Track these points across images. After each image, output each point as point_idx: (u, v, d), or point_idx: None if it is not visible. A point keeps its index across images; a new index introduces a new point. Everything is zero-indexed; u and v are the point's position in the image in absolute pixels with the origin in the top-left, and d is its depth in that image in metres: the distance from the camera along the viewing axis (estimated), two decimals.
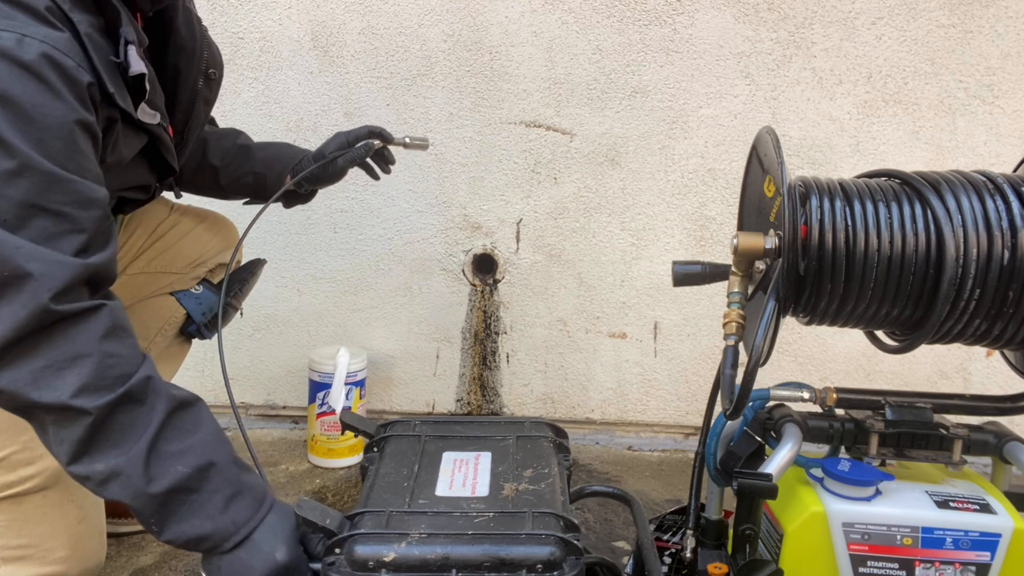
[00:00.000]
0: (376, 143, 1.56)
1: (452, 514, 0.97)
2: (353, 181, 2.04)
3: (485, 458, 1.11)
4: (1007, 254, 0.97)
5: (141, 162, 1.28)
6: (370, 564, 0.91)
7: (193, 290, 1.58)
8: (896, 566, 0.99)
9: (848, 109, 1.94)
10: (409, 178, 2.04)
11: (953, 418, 1.13)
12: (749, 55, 1.93)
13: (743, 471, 1.06)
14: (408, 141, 1.60)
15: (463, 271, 2.08)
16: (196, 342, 1.64)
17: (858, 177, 1.10)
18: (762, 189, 1.08)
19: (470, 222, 2.05)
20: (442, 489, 1.03)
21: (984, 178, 1.02)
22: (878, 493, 1.02)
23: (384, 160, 1.61)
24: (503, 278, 2.08)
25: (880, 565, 0.99)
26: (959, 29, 1.90)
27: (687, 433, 2.14)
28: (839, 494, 1.02)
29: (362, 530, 0.94)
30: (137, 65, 1.09)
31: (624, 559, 1.51)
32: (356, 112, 2.01)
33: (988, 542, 0.98)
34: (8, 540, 1.19)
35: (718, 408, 1.09)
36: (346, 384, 1.89)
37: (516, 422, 1.23)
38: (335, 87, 2.00)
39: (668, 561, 1.21)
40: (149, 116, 1.19)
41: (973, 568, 0.99)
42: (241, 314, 1.69)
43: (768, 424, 1.12)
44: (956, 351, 2.03)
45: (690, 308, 2.05)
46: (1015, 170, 1.12)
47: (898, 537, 0.99)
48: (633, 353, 2.08)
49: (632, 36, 1.94)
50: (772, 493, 1.00)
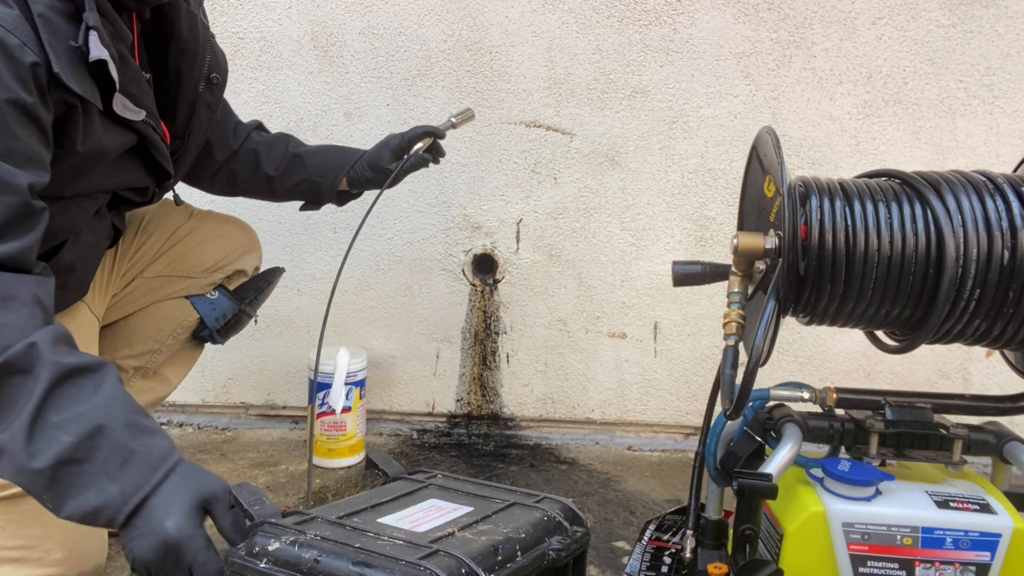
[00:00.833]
0: (429, 141, 1.58)
1: (366, 534, 0.92)
2: None
3: (461, 510, 1.04)
4: (1007, 254, 0.97)
5: (134, 162, 1.27)
6: (256, 551, 0.92)
7: (209, 295, 1.59)
8: (896, 566, 0.99)
9: (848, 109, 1.94)
10: (409, 178, 2.03)
11: (953, 418, 1.13)
12: (749, 55, 1.93)
13: (743, 471, 1.05)
14: (455, 122, 1.62)
15: (463, 271, 2.08)
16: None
17: (858, 177, 1.10)
18: (762, 189, 1.08)
19: (470, 222, 2.05)
20: (389, 519, 0.99)
21: (984, 178, 1.02)
22: (878, 493, 1.02)
23: (438, 152, 1.63)
24: (503, 278, 2.08)
25: (880, 565, 0.99)
26: (959, 29, 1.90)
27: (687, 433, 2.14)
28: (839, 494, 1.01)
29: (274, 521, 0.94)
30: (97, 51, 1.06)
31: (624, 559, 1.51)
32: (356, 112, 2.01)
33: (988, 542, 0.98)
34: (4, 541, 1.18)
35: (718, 408, 1.09)
36: (346, 384, 1.89)
37: (536, 496, 1.11)
38: (335, 87, 2.00)
39: (668, 561, 1.21)
40: (131, 112, 1.16)
41: (973, 568, 0.99)
42: (255, 321, 1.70)
43: (768, 424, 1.12)
44: (956, 351, 2.03)
45: (690, 308, 2.05)
46: (1015, 170, 1.12)
47: (898, 537, 0.99)
48: (633, 353, 2.08)
49: (632, 36, 1.94)
50: (772, 493, 1.00)
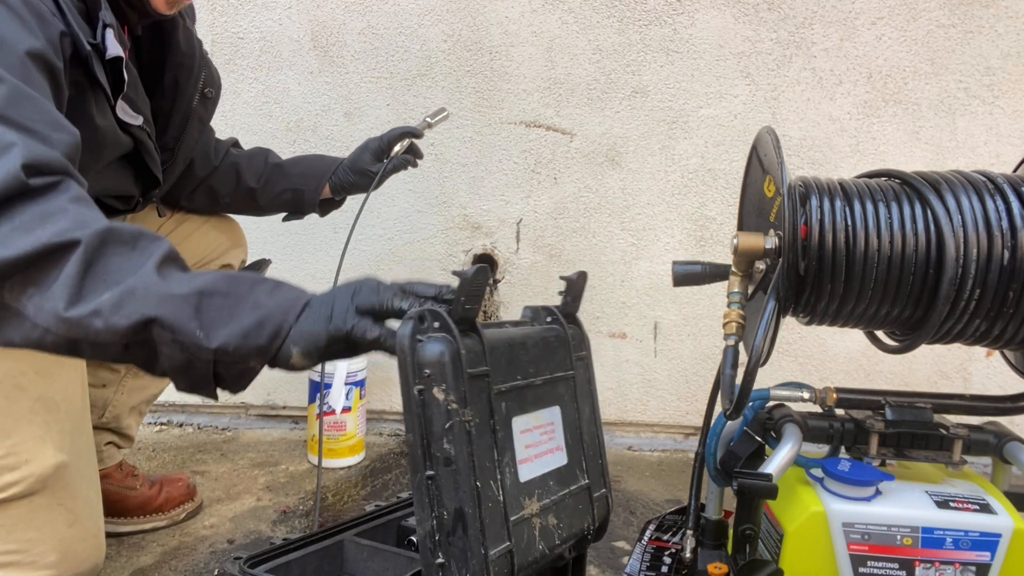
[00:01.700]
0: (408, 142, 1.60)
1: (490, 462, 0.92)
2: None
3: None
4: (1007, 254, 0.97)
5: (125, 169, 1.27)
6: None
7: None
8: (896, 566, 0.99)
9: (848, 109, 1.94)
10: (409, 178, 2.04)
11: (953, 418, 1.13)
12: (749, 55, 1.93)
13: (743, 471, 1.05)
14: (430, 122, 1.64)
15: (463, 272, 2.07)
16: None
17: (858, 177, 1.10)
18: (762, 189, 1.08)
19: (470, 222, 2.05)
20: (519, 424, 0.98)
21: (984, 178, 1.02)
22: (878, 493, 1.02)
23: (416, 153, 1.65)
24: (503, 278, 2.08)
25: (880, 565, 0.99)
26: (959, 29, 1.90)
27: (687, 433, 2.14)
28: (839, 494, 1.01)
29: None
30: (114, 48, 1.08)
31: (624, 559, 1.51)
32: (356, 112, 2.01)
33: (988, 542, 0.98)
34: None
35: (718, 408, 1.09)
36: (346, 384, 1.89)
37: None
38: (335, 87, 2.00)
39: (668, 561, 1.21)
40: (131, 117, 1.18)
41: (973, 568, 0.99)
42: None
43: (768, 424, 1.12)
44: (956, 351, 2.03)
45: (690, 308, 2.05)
46: (1015, 170, 1.12)
47: (898, 537, 0.99)
48: (633, 353, 2.08)
49: (632, 36, 1.94)
50: (772, 493, 1.00)
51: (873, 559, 0.99)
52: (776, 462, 1.03)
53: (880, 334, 1.16)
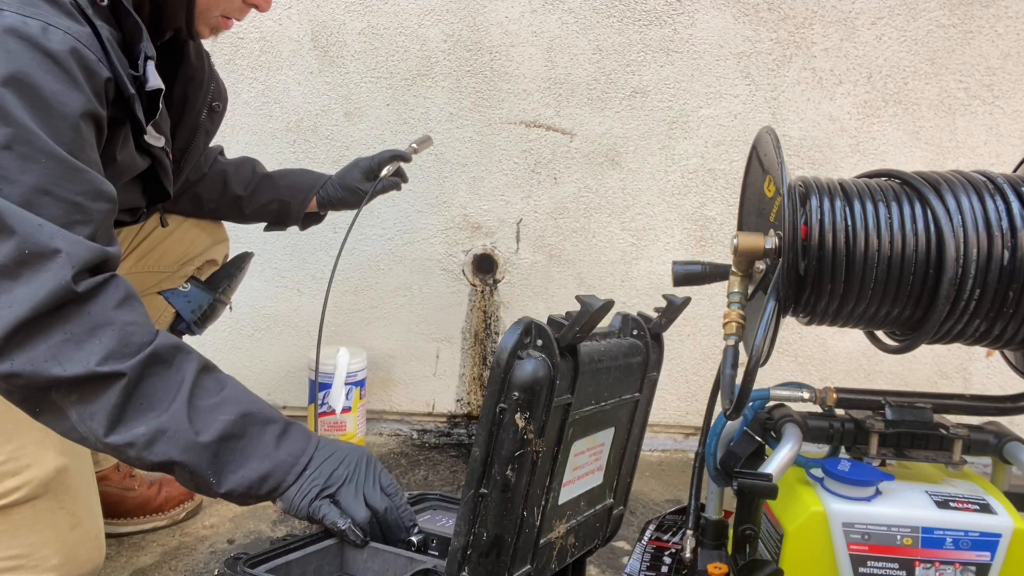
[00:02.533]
0: (396, 165, 1.66)
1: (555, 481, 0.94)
2: None
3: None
4: (1007, 254, 0.97)
5: (136, 185, 1.28)
6: None
7: (181, 288, 1.58)
8: (896, 566, 0.99)
9: (848, 109, 1.94)
10: (409, 178, 2.04)
11: (953, 418, 1.13)
12: (749, 55, 1.93)
13: (743, 471, 1.05)
14: (416, 148, 1.68)
15: (463, 271, 2.08)
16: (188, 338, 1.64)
17: (858, 177, 1.10)
18: (762, 189, 1.08)
19: (470, 222, 2.05)
20: (576, 446, 0.98)
21: (984, 178, 1.02)
22: (878, 493, 1.02)
23: (402, 177, 1.71)
24: (503, 278, 2.08)
25: (880, 565, 0.99)
26: (959, 29, 1.90)
27: (687, 433, 2.14)
28: (839, 494, 1.01)
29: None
30: (155, 80, 1.10)
31: (624, 559, 1.51)
32: (356, 112, 2.01)
33: (988, 542, 0.98)
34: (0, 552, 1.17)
35: (718, 408, 1.09)
36: (346, 384, 1.89)
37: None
38: (335, 87, 2.00)
39: (668, 561, 1.21)
40: (155, 139, 1.19)
41: (973, 568, 0.99)
42: (231, 309, 1.70)
43: (768, 424, 1.11)
44: (956, 351, 2.03)
45: (690, 308, 2.04)
46: (1015, 170, 1.12)
47: (898, 537, 0.99)
48: None
49: (632, 36, 1.94)
50: (772, 493, 1.00)
51: (873, 559, 0.99)
52: (776, 462, 1.03)
53: (880, 334, 1.16)
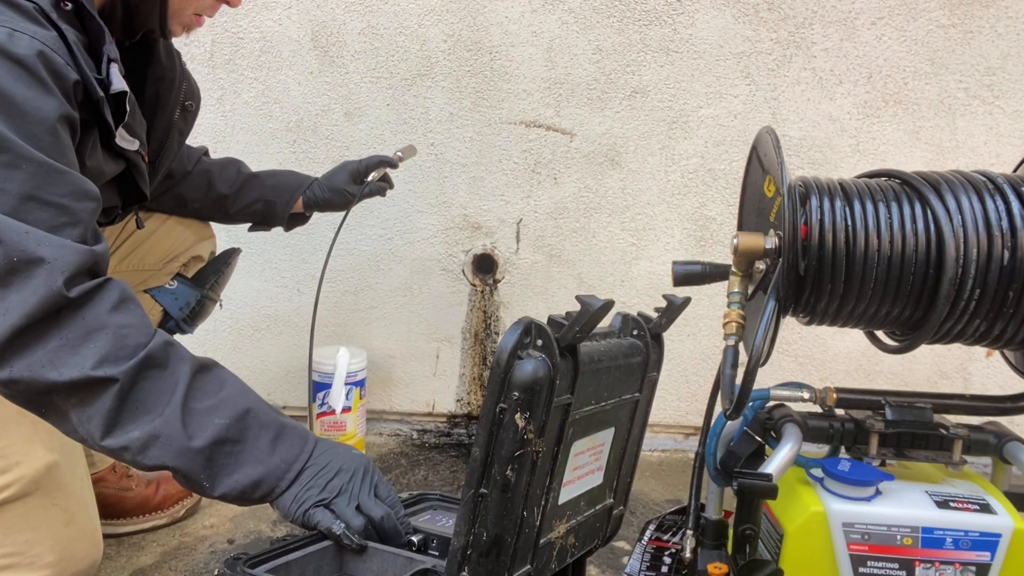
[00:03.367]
0: (383, 171, 1.69)
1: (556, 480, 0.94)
2: None
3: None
4: (1007, 254, 0.97)
5: (111, 188, 1.27)
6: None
7: (168, 285, 1.57)
8: (896, 566, 0.99)
9: (848, 109, 1.94)
10: (409, 178, 2.04)
11: (953, 418, 1.13)
12: (749, 55, 1.93)
13: (743, 471, 1.05)
14: (401, 156, 1.71)
15: (463, 271, 2.08)
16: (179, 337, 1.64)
17: (858, 177, 1.10)
18: (762, 189, 1.08)
19: (470, 222, 2.05)
20: (576, 446, 0.97)
21: (984, 178, 1.02)
22: (878, 493, 1.02)
23: (388, 183, 1.74)
24: (503, 278, 2.08)
25: (880, 565, 0.99)
26: (959, 29, 1.90)
27: (687, 433, 2.14)
28: (839, 494, 1.01)
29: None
30: (119, 83, 1.09)
31: (624, 559, 1.51)
32: (356, 112, 2.01)
33: (988, 542, 0.98)
34: None
35: (718, 408, 1.09)
36: (346, 384, 1.89)
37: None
38: (335, 87, 2.00)
39: (668, 561, 1.21)
40: (128, 142, 1.18)
41: (973, 568, 0.99)
42: (220, 306, 1.70)
43: (768, 424, 1.11)
44: (956, 351, 2.03)
45: (690, 308, 2.04)
46: (1015, 170, 1.12)
47: (898, 537, 0.99)
48: None
49: (632, 36, 1.94)
50: (772, 493, 1.00)
51: (873, 559, 0.99)
52: (776, 462, 1.03)
53: (880, 334, 1.16)
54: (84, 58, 1.04)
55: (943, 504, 1.01)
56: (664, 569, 1.20)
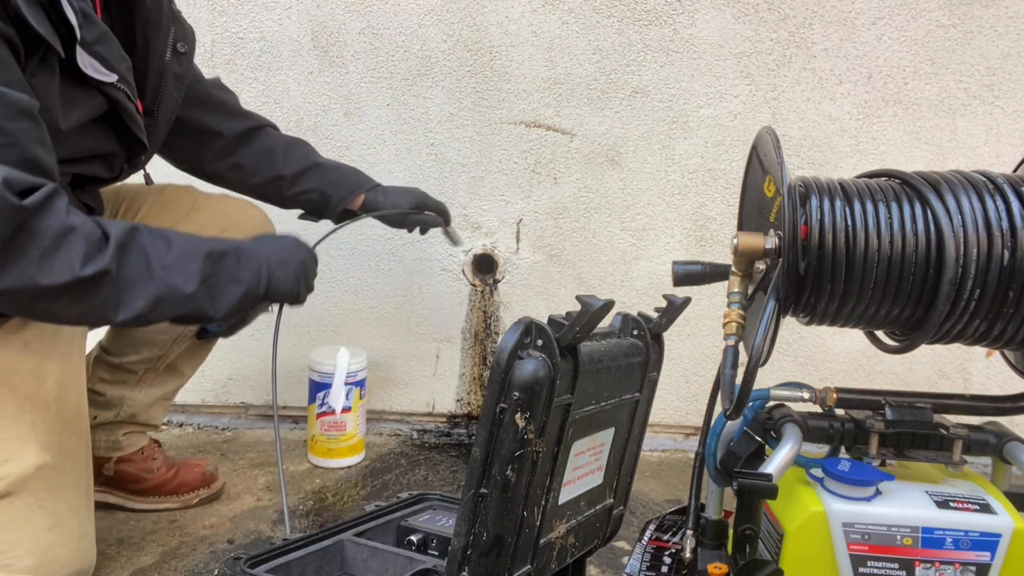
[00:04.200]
0: (440, 229, 1.75)
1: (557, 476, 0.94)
2: None
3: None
4: (1007, 254, 0.97)
5: (105, 132, 1.24)
6: None
7: None
8: (896, 566, 0.99)
9: (848, 109, 1.94)
10: (409, 178, 2.04)
11: (953, 418, 1.13)
12: (749, 55, 1.93)
13: (743, 471, 1.05)
14: (450, 231, 1.79)
15: (463, 271, 2.08)
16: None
17: (858, 177, 1.10)
18: (762, 189, 1.08)
19: (470, 222, 2.05)
20: (577, 446, 0.98)
21: (984, 178, 1.02)
22: (878, 493, 1.02)
23: (446, 219, 1.76)
24: (503, 278, 2.08)
25: (880, 565, 0.99)
26: (959, 29, 1.90)
27: (687, 433, 2.14)
28: (839, 494, 1.01)
29: None
30: None
31: (624, 559, 1.51)
32: (356, 112, 2.01)
33: (988, 542, 0.98)
34: None
35: (718, 408, 1.09)
36: (346, 384, 1.89)
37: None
38: (335, 87, 2.00)
39: (668, 561, 1.21)
40: (100, 74, 1.14)
41: (973, 568, 0.99)
42: (270, 310, 1.71)
43: (768, 424, 1.11)
44: (956, 351, 2.03)
45: (690, 308, 2.04)
46: (1015, 170, 1.12)
47: (898, 537, 0.99)
48: None
49: (632, 36, 1.94)
50: (772, 493, 1.00)
51: (873, 559, 0.99)
52: (776, 462, 1.03)
53: (880, 334, 1.16)
54: None
55: (943, 504, 1.01)
56: (664, 569, 1.20)
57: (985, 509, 1.00)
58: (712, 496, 1.17)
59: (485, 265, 2.07)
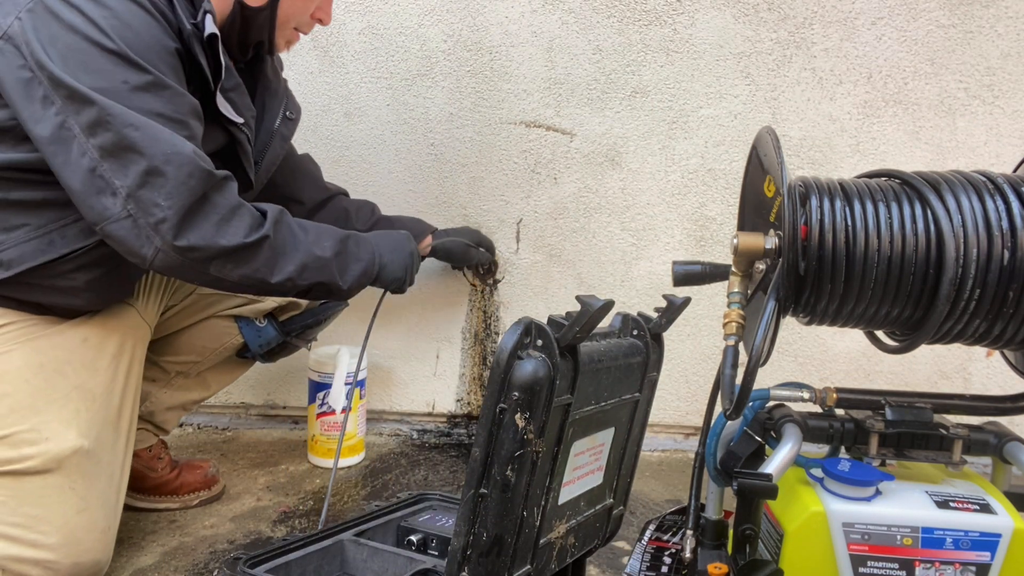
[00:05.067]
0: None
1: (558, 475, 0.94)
2: (353, 181, 2.04)
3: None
4: (1007, 254, 0.97)
5: (218, 162, 1.34)
6: None
7: (258, 322, 1.69)
8: (896, 566, 0.99)
9: (848, 109, 1.94)
10: (409, 178, 2.04)
11: (953, 418, 1.13)
12: (749, 55, 1.93)
13: (743, 471, 1.05)
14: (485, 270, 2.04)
15: (463, 271, 2.08)
16: None
17: (858, 177, 1.10)
18: (762, 189, 1.08)
19: (470, 222, 2.05)
20: (577, 446, 0.98)
21: (984, 178, 1.02)
22: (878, 493, 1.02)
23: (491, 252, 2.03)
24: (503, 278, 2.08)
25: (880, 565, 0.99)
26: (959, 29, 1.90)
27: (687, 433, 2.14)
28: (839, 494, 1.01)
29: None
30: (210, 27, 1.25)
31: (624, 559, 1.51)
32: (356, 112, 2.01)
33: (988, 542, 0.98)
34: (2, 516, 1.22)
35: (718, 408, 1.09)
36: (346, 384, 1.89)
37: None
38: (335, 87, 2.00)
39: (668, 561, 1.21)
40: (230, 114, 1.33)
41: (973, 568, 0.99)
42: (309, 348, 1.85)
43: (768, 424, 1.11)
44: (956, 351, 2.03)
45: (690, 308, 2.04)
46: (1015, 170, 1.12)
47: (898, 537, 0.99)
48: None
49: (632, 36, 1.94)
50: (772, 493, 1.00)
51: (873, 559, 0.99)
52: (776, 462, 1.03)
53: (880, 334, 1.16)
54: (183, 17, 1.23)
55: (943, 504, 1.01)
56: (664, 569, 1.20)
57: (985, 509, 1.00)
58: (712, 496, 1.17)
59: (485, 265, 2.07)
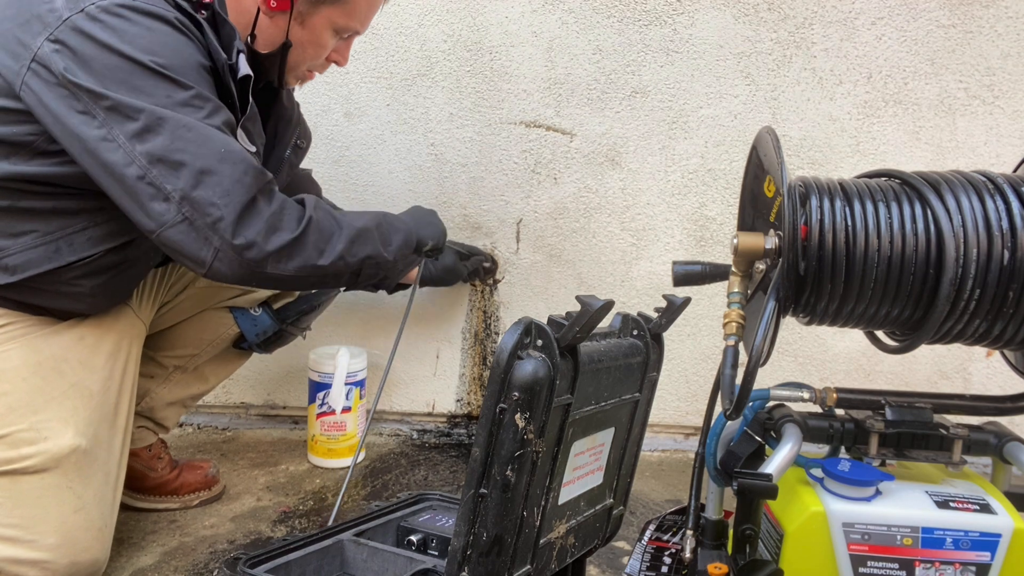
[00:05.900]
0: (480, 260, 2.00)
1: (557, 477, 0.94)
2: (353, 181, 2.04)
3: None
4: (1007, 254, 0.97)
5: None
6: None
7: (252, 311, 1.69)
8: (896, 566, 0.99)
9: (848, 109, 1.94)
10: (409, 178, 2.04)
11: (953, 418, 1.13)
12: (749, 55, 1.93)
13: (743, 471, 1.05)
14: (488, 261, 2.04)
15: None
16: None
17: (858, 177, 1.10)
18: (762, 189, 1.08)
19: (470, 222, 2.05)
20: (577, 446, 0.98)
21: (984, 178, 1.02)
22: (878, 493, 1.02)
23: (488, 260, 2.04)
24: (503, 278, 2.08)
25: (880, 565, 0.99)
26: (959, 29, 1.90)
27: (687, 433, 2.14)
28: (839, 494, 1.02)
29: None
30: (245, 68, 1.27)
31: (624, 559, 1.51)
32: (356, 112, 2.01)
33: (988, 542, 0.98)
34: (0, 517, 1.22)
35: (718, 408, 1.09)
36: (346, 384, 1.89)
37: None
38: (335, 87, 2.00)
39: (668, 561, 1.21)
40: (245, 143, 1.32)
41: (973, 568, 0.99)
42: (304, 337, 1.84)
43: (768, 424, 1.11)
44: (956, 351, 2.03)
45: (690, 308, 2.04)
46: (1015, 170, 1.12)
47: (898, 537, 0.99)
48: None
49: (632, 36, 1.94)
50: (772, 493, 1.00)
51: (873, 559, 0.99)
52: (776, 462, 1.03)
53: (880, 334, 1.16)
54: (216, 47, 1.24)
55: (943, 504, 1.01)
56: (664, 569, 1.20)
57: (985, 509, 1.00)
58: (712, 496, 1.17)
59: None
